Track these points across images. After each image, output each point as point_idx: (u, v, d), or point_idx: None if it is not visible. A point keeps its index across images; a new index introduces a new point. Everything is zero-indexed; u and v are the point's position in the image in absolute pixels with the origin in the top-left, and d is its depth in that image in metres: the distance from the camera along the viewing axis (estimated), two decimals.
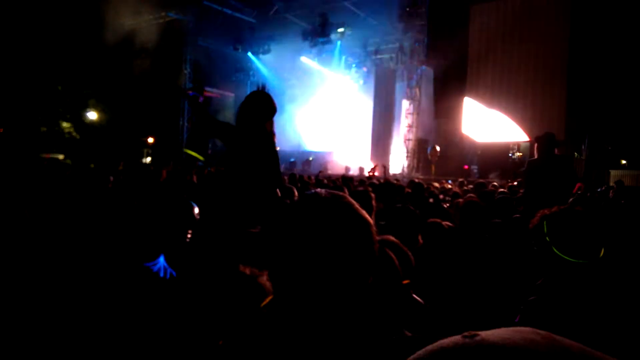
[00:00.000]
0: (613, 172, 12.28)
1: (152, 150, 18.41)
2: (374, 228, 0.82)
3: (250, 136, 2.72)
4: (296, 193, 3.65)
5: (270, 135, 2.81)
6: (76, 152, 16.22)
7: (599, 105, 12.66)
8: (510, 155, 13.96)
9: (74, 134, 17.46)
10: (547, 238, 1.52)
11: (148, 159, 17.90)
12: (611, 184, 11.09)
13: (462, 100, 14.93)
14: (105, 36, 14.79)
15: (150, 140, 18.50)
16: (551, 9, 13.42)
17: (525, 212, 3.35)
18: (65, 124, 17.39)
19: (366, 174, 11.61)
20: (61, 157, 15.16)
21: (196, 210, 2.07)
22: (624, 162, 14.04)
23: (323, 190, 0.85)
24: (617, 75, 12.48)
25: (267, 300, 1.02)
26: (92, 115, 17.75)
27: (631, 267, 2.34)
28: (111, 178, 4.00)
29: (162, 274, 1.91)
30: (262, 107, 2.77)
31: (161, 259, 1.92)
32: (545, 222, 1.54)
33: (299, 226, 0.79)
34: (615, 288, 1.43)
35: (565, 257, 1.46)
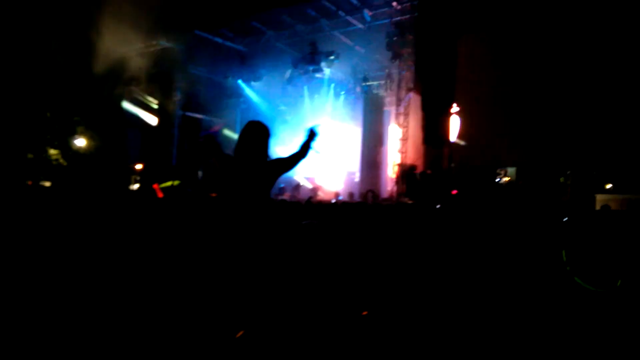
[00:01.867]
0: (599, 197, 12.43)
1: (141, 176, 18.29)
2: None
3: (249, 166, 2.90)
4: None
5: (269, 162, 2.95)
6: (63, 178, 16.05)
7: (583, 129, 12.94)
8: (497, 180, 14.11)
9: (62, 160, 17.32)
10: (568, 267, 1.53)
11: (136, 186, 17.75)
12: (597, 208, 11.23)
13: (450, 126, 15.17)
14: (96, 63, 14.87)
15: (139, 166, 18.39)
16: (534, 39, 13.85)
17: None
18: (52, 151, 17.26)
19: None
20: (48, 184, 14.97)
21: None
22: (609, 186, 14.25)
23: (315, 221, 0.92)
24: (601, 100, 12.82)
25: None
26: (81, 142, 17.65)
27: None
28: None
29: None
30: (259, 136, 2.98)
31: None
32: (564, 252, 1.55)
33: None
34: None
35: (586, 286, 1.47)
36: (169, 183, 14.45)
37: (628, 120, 13.08)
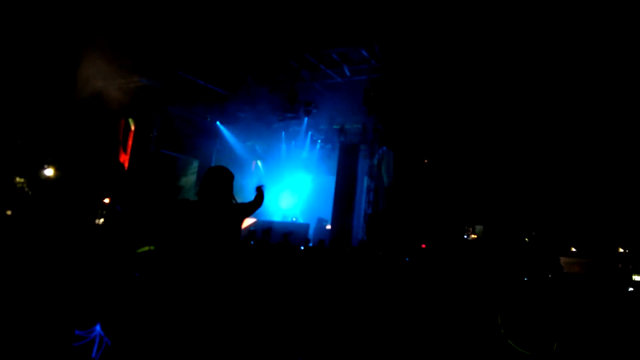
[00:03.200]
0: (563, 259, 12.77)
1: (107, 212, 17.86)
2: None
3: (214, 209, 2.96)
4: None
5: (235, 205, 3.02)
6: (25, 207, 15.53)
7: (549, 191, 13.46)
8: (465, 237, 14.40)
9: (26, 189, 16.81)
10: (502, 330, 1.59)
11: (101, 220, 17.29)
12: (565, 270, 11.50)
13: (420, 180, 15.58)
14: (73, 95, 14.82)
15: (106, 201, 18.00)
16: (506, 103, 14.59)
17: None
18: (18, 179, 16.78)
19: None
20: (9, 212, 14.45)
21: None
22: (574, 249, 14.71)
23: None
24: (568, 162, 13.44)
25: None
26: (49, 172, 17.25)
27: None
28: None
29: (96, 345, 1.84)
30: (223, 180, 3.07)
31: (97, 328, 1.87)
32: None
33: None
34: None
35: (519, 349, 1.54)
36: (145, 248, 14.15)
37: (592, 189, 13.71)
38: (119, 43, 13.93)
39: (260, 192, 3.28)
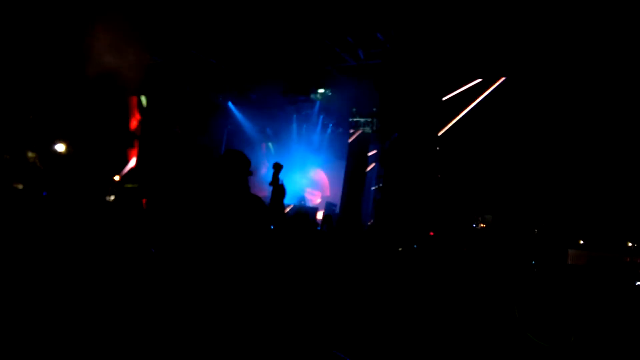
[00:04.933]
0: (571, 252, 12.74)
1: (117, 188, 18.02)
2: None
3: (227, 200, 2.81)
4: None
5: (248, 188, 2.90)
6: (37, 182, 15.69)
7: (560, 183, 13.35)
8: (474, 225, 14.37)
9: (38, 163, 16.96)
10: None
11: (112, 197, 17.44)
12: (570, 262, 11.48)
13: (430, 166, 15.49)
14: (85, 71, 14.81)
15: (117, 178, 18.13)
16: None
17: None
18: (30, 154, 16.93)
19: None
20: (20, 186, 14.60)
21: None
22: (582, 242, 14.64)
23: None
24: (578, 157, 13.30)
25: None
26: (60, 147, 17.37)
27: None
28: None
29: None
30: (240, 163, 2.92)
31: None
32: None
33: None
34: None
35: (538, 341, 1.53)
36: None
37: (602, 183, 13.57)
38: (132, 19, 13.86)
39: (276, 171, 3.11)
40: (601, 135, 13.66)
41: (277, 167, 3.16)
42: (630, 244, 17.57)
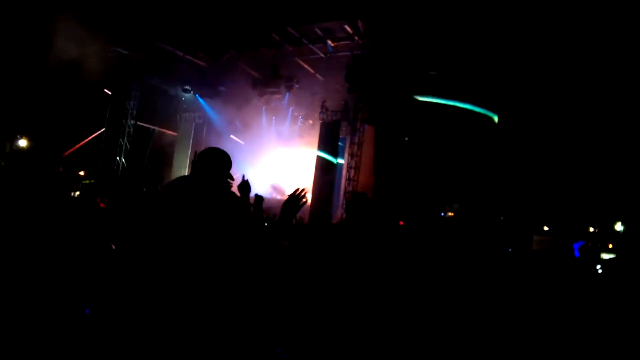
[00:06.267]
0: (536, 237, 13.17)
1: (82, 184, 17.55)
2: None
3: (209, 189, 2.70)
4: None
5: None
6: None
7: (525, 172, 13.75)
8: (442, 214, 14.69)
9: None
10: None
11: (77, 193, 16.99)
12: (534, 247, 11.85)
13: (400, 158, 15.69)
14: (46, 63, 14.29)
15: (81, 173, 17.67)
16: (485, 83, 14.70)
17: None
18: None
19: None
20: None
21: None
22: (546, 228, 15.17)
23: None
24: (541, 144, 13.71)
25: None
26: (22, 142, 16.78)
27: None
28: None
29: None
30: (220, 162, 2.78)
31: None
32: None
33: None
34: None
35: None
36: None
37: (564, 171, 14.05)
38: (95, 9, 13.43)
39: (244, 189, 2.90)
40: (564, 125, 14.12)
41: (245, 188, 2.98)
42: (592, 229, 18.32)
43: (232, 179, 2.80)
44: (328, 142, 15.90)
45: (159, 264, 2.38)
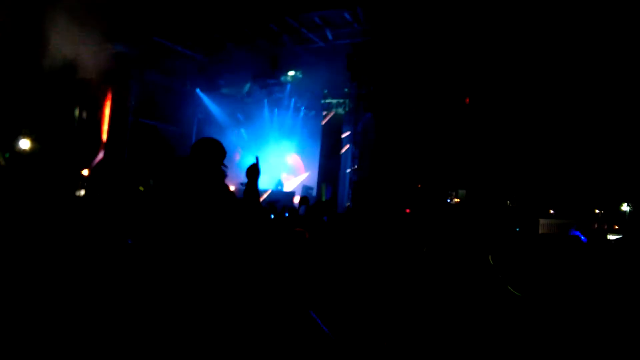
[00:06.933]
0: (542, 221, 13.10)
1: (87, 183, 17.55)
2: None
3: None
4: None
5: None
6: (1, 181, 15.12)
7: (530, 156, 13.65)
8: (448, 200, 14.61)
9: (2, 162, 16.34)
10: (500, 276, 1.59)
11: (82, 192, 17.00)
12: (540, 231, 11.80)
13: (404, 146, 15.64)
14: (44, 63, 14.21)
15: (85, 172, 17.66)
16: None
17: None
18: None
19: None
20: None
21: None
22: (552, 211, 15.09)
23: None
24: (547, 129, 13.60)
25: None
26: (25, 143, 16.76)
27: None
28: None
29: None
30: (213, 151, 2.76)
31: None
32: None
33: None
34: None
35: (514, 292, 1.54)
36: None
37: (569, 154, 13.94)
38: (91, 6, 13.31)
39: (252, 173, 2.87)
40: (566, 108, 13.98)
41: (253, 172, 2.93)
42: (597, 211, 18.24)
43: (227, 167, 2.78)
44: (331, 131, 15.84)
45: (165, 256, 2.36)
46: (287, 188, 16.91)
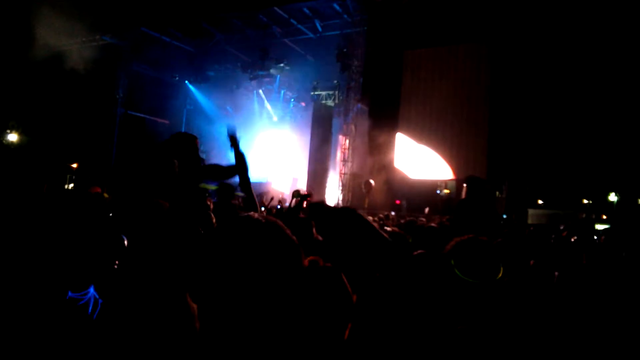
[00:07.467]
0: (531, 211, 13.22)
1: (76, 176, 17.40)
2: (301, 250, 0.88)
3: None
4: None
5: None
6: None
7: (518, 147, 13.74)
8: (437, 192, 14.71)
9: None
10: (452, 262, 1.60)
11: (71, 185, 16.86)
12: (529, 221, 11.92)
13: (394, 137, 15.70)
14: (32, 55, 13.99)
15: (74, 165, 17.51)
16: (474, 59, 14.61)
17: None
18: None
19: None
20: None
21: (125, 241, 2.00)
22: (540, 202, 15.25)
23: (256, 214, 0.91)
24: (535, 120, 13.68)
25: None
26: (12, 137, 16.56)
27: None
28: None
29: (91, 305, 1.81)
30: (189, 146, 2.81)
31: (91, 289, 1.83)
32: (452, 248, 1.64)
33: (234, 245, 0.87)
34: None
35: (465, 278, 1.55)
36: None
37: (557, 144, 14.06)
38: None
39: (238, 155, 2.87)
40: (555, 97, 14.07)
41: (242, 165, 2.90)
42: (585, 201, 18.45)
43: (203, 160, 2.80)
44: (321, 123, 15.80)
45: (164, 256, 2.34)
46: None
